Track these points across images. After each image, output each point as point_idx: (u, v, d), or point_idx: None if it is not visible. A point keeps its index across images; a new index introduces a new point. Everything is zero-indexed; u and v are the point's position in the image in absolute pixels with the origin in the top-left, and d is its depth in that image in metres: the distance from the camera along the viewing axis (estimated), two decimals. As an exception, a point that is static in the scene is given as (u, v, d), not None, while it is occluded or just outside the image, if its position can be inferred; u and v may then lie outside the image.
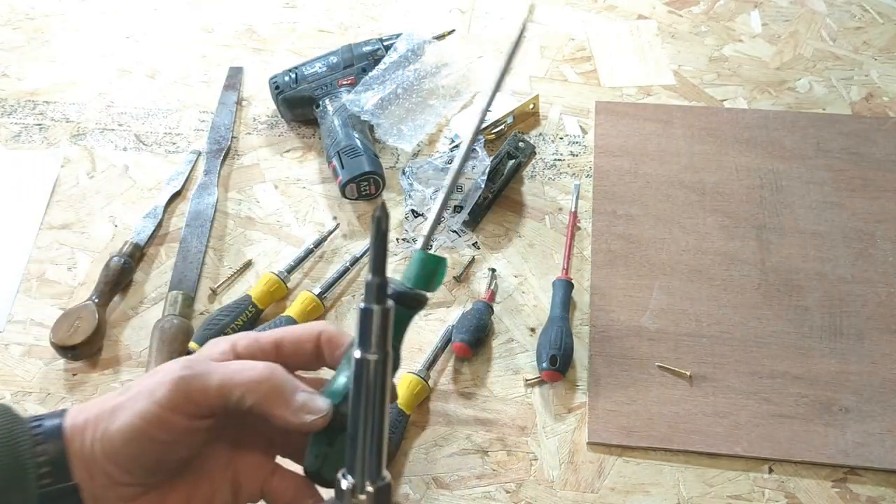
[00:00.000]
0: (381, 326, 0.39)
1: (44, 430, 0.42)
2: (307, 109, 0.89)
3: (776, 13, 1.00)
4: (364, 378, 0.39)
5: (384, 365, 0.39)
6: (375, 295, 0.39)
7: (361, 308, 0.39)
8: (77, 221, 0.85)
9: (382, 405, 0.39)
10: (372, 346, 0.39)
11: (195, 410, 0.42)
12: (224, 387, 0.42)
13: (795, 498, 0.67)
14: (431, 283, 0.45)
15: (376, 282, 0.38)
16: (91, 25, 1.02)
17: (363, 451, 0.39)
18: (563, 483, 0.68)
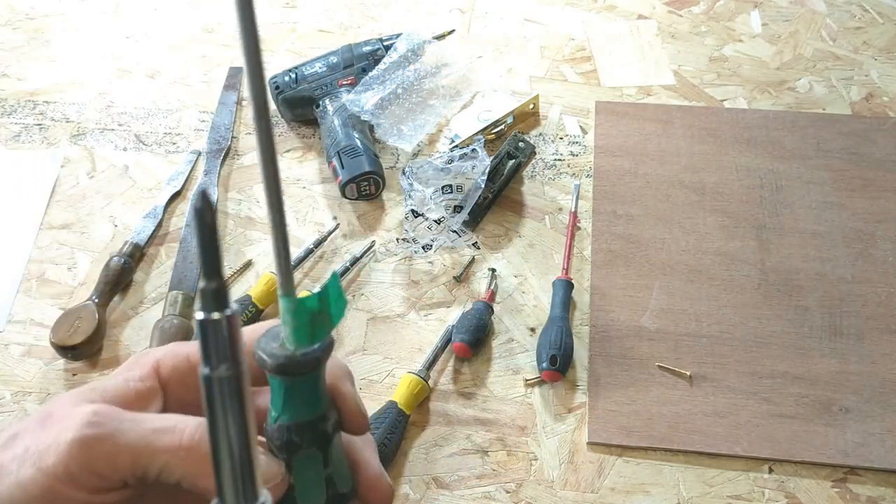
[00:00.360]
0: (227, 336, 0.32)
1: None
2: (307, 109, 0.89)
3: (776, 13, 1.00)
4: (217, 398, 0.32)
5: (238, 379, 0.32)
6: (213, 301, 0.31)
7: (199, 320, 0.31)
8: (77, 221, 0.85)
9: (244, 423, 0.32)
10: (219, 360, 0.32)
11: (99, 483, 0.33)
12: (140, 456, 0.33)
13: (795, 498, 0.67)
14: (318, 331, 0.35)
15: (211, 287, 0.31)
16: (91, 25, 1.02)
17: (231, 478, 0.32)
18: (563, 483, 0.68)
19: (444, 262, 0.81)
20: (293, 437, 0.36)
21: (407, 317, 0.77)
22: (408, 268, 0.81)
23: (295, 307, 0.35)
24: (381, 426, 0.68)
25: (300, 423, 0.36)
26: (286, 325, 0.35)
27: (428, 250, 0.81)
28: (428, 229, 0.82)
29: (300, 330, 0.35)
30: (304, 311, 0.35)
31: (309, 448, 0.36)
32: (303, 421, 0.36)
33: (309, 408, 0.36)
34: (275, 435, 0.36)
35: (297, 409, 0.36)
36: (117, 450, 0.33)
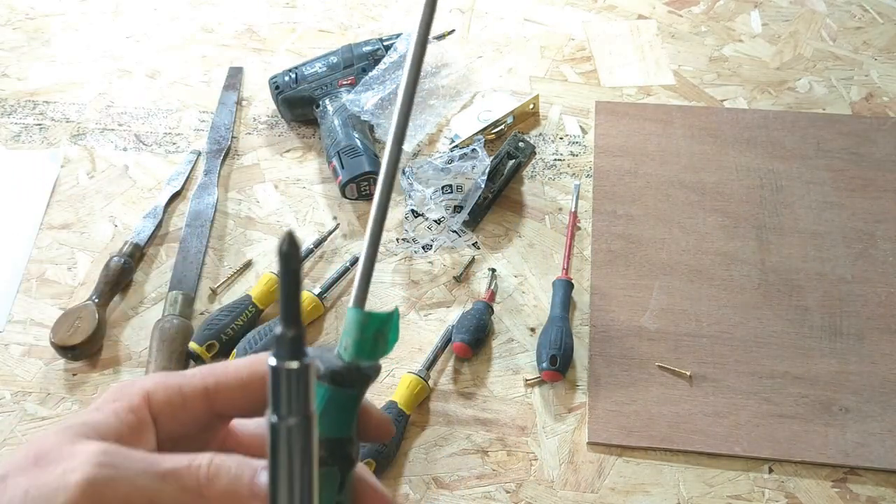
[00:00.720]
0: (300, 386, 0.31)
1: None
2: (307, 109, 0.89)
3: (776, 13, 1.00)
4: (284, 447, 0.31)
5: (307, 428, 0.32)
6: (289, 349, 0.31)
7: (272, 366, 0.31)
8: (77, 221, 0.85)
9: (309, 474, 0.32)
10: (290, 410, 0.31)
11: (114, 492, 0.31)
12: (156, 498, 0.31)
13: (795, 498, 0.67)
14: (377, 349, 0.35)
15: (290, 334, 0.31)
16: (91, 25, 1.02)
17: None
18: (563, 483, 0.68)
19: (444, 262, 0.81)
20: (321, 452, 0.34)
21: (407, 317, 0.77)
22: (408, 268, 0.81)
23: (366, 320, 0.35)
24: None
25: (331, 438, 0.35)
26: (349, 335, 0.35)
27: (428, 250, 0.81)
28: (428, 229, 0.82)
29: (364, 343, 0.35)
30: (373, 326, 0.35)
31: (332, 466, 0.36)
32: (334, 437, 0.36)
33: (342, 426, 0.36)
34: None
35: (332, 424, 0.36)
36: (132, 491, 0.30)
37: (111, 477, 0.30)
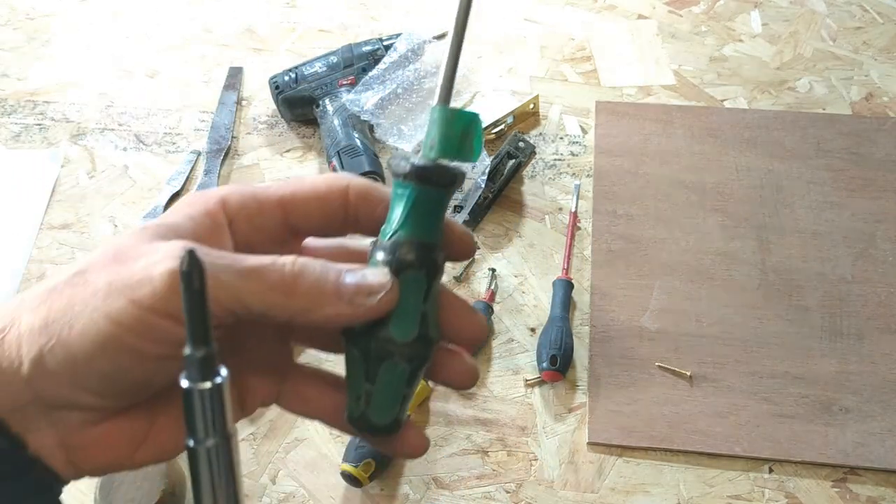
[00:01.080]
0: (215, 406, 0.29)
1: None
2: (307, 109, 0.89)
3: (776, 13, 1.00)
4: (205, 469, 0.30)
5: (227, 448, 0.30)
6: (200, 370, 0.29)
7: (185, 389, 0.29)
8: (77, 221, 0.85)
9: (234, 495, 0.31)
10: (208, 432, 0.30)
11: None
12: (241, 293, 0.31)
13: (795, 498, 0.67)
14: (464, 149, 0.34)
15: (199, 355, 0.29)
16: (91, 25, 1.02)
17: None
18: (563, 483, 0.68)
19: (444, 262, 0.81)
20: (407, 254, 0.34)
21: (407, 317, 0.77)
22: (408, 268, 0.81)
23: (452, 116, 0.33)
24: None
25: (419, 241, 0.34)
26: (436, 133, 0.34)
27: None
28: (428, 229, 0.82)
29: (450, 140, 0.34)
30: (460, 123, 0.34)
31: (419, 269, 0.34)
32: (420, 240, 0.34)
33: (429, 230, 0.35)
34: (389, 249, 0.34)
35: (418, 226, 0.34)
36: (217, 286, 0.30)
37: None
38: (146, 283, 0.30)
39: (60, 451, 0.32)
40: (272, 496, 0.68)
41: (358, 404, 0.35)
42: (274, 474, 0.70)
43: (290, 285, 0.31)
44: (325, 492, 0.69)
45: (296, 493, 0.69)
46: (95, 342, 0.30)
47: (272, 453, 0.71)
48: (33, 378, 0.30)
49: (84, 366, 0.30)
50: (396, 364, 0.34)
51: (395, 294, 0.33)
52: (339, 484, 0.68)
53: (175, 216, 0.33)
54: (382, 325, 0.34)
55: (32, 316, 0.30)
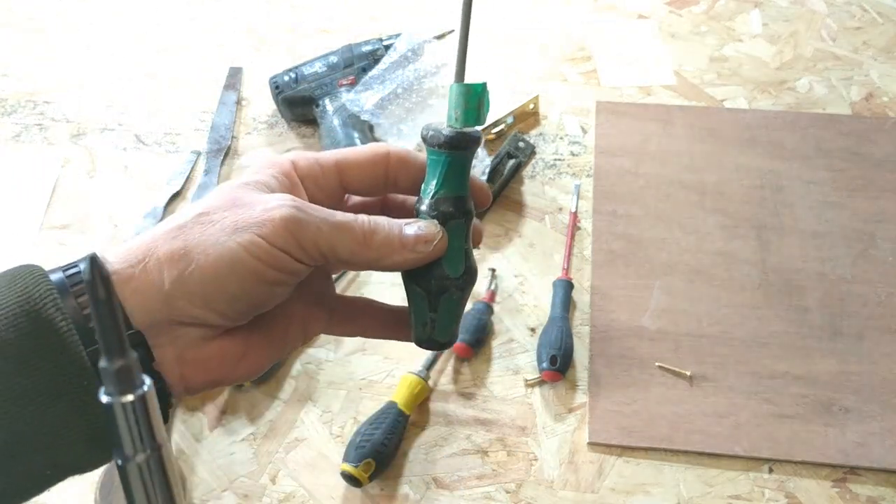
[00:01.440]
0: (140, 417, 0.29)
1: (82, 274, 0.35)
2: (307, 109, 0.89)
3: (776, 13, 1.00)
4: (139, 484, 0.30)
5: (159, 459, 0.30)
6: (118, 383, 0.28)
7: (105, 404, 0.29)
8: (77, 221, 0.85)
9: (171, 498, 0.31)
10: (136, 447, 0.29)
11: (303, 257, 0.38)
12: (334, 240, 0.39)
13: (795, 498, 0.67)
14: (480, 116, 0.42)
15: (115, 367, 0.28)
16: (91, 25, 1.02)
17: None
18: (563, 483, 0.68)
19: (444, 262, 0.81)
20: (449, 208, 0.42)
21: (407, 317, 0.77)
22: (408, 268, 0.81)
23: (468, 91, 0.41)
24: (381, 426, 0.68)
25: (455, 196, 0.42)
26: (457, 107, 0.41)
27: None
28: (428, 229, 0.82)
29: (470, 111, 0.41)
30: (476, 95, 0.41)
31: (459, 218, 0.42)
32: (456, 195, 0.42)
33: (461, 185, 0.43)
34: (433, 206, 0.42)
35: (453, 184, 0.42)
36: (318, 234, 0.38)
37: (304, 219, 0.38)
38: (268, 223, 0.37)
39: (176, 366, 0.38)
40: (272, 496, 0.68)
41: (425, 329, 0.43)
42: (274, 474, 0.70)
43: (368, 238, 0.40)
44: (325, 492, 0.69)
45: (296, 493, 0.69)
46: (230, 266, 0.36)
47: (272, 453, 0.71)
48: (172, 297, 0.36)
49: (217, 286, 0.37)
50: (452, 294, 0.43)
51: (445, 241, 0.41)
52: (339, 484, 0.68)
53: (262, 175, 0.41)
54: (438, 265, 0.42)
55: (169, 246, 0.37)
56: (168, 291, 0.36)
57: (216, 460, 0.70)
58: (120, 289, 0.36)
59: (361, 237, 0.40)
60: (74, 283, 0.36)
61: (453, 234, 0.42)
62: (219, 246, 0.36)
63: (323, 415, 0.72)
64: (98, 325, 0.28)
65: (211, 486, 0.69)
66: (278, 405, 0.73)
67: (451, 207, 0.42)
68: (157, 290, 0.36)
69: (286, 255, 0.37)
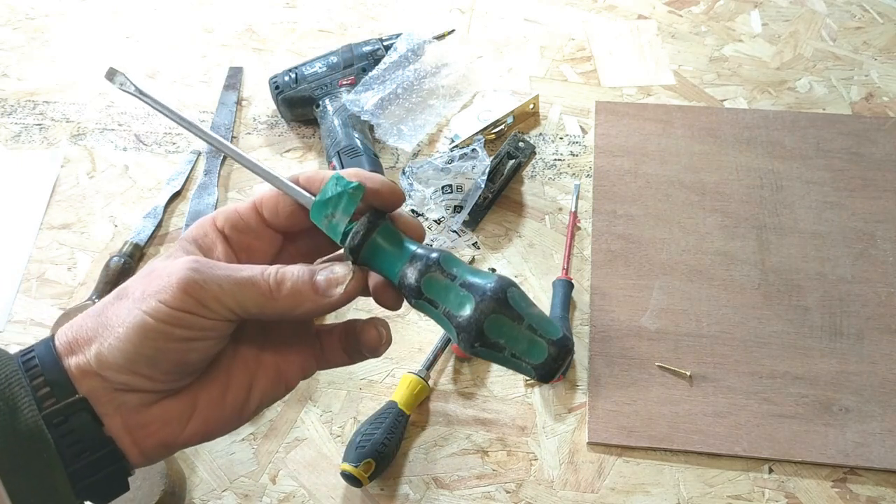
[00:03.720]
0: None
1: (35, 355, 0.39)
2: (307, 109, 0.89)
3: (776, 13, 1.00)
4: None
5: None
6: None
7: None
8: (77, 221, 0.85)
9: None
10: None
11: (210, 315, 0.39)
12: (239, 302, 0.39)
13: (795, 498, 0.67)
14: (341, 204, 0.41)
15: None
16: (91, 25, 1.02)
17: None
18: (563, 483, 0.68)
19: (444, 262, 0.81)
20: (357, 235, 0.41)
21: (407, 317, 0.77)
22: (408, 268, 0.81)
23: (330, 191, 0.41)
24: (381, 426, 0.68)
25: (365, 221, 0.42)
26: (335, 205, 0.41)
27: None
28: (428, 229, 0.82)
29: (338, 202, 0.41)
30: (338, 185, 0.41)
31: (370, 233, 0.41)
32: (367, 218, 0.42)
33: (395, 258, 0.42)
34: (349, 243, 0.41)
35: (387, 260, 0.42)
36: (220, 292, 0.39)
37: (201, 279, 0.39)
38: (167, 288, 0.39)
39: (125, 433, 0.40)
40: (272, 496, 0.68)
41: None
42: (274, 474, 0.70)
43: (275, 291, 0.40)
44: (325, 492, 0.69)
45: (296, 493, 0.69)
46: (139, 332, 0.38)
47: (272, 453, 0.71)
48: (101, 368, 0.39)
49: (133, 352, 0.39)
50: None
51: (358, 281, 0.41)
52: (339, 484, 0.68)
53: (182, 243, 0.43)
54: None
55: (93, 324, 0.40)
56: (95, 366, 0.39)
57: (216, 460, 0.70)
58: (64, 363, 0.39)
59: (267, 290, 0.40)
60: (30, 370, 0.39)
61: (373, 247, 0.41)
62: (129, 317, 0.39)
63: (323, 415, 0.72)
64: None
65: (211, 486, 0.69)
66: (278, 405, 0.73)
67: (361, 230, 0.41)
68: (87, 364, 0.39)
69: (189, 315, 0.39)
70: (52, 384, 0.38)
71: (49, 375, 0.39)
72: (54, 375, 0.39)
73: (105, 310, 0.40)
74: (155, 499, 0.63)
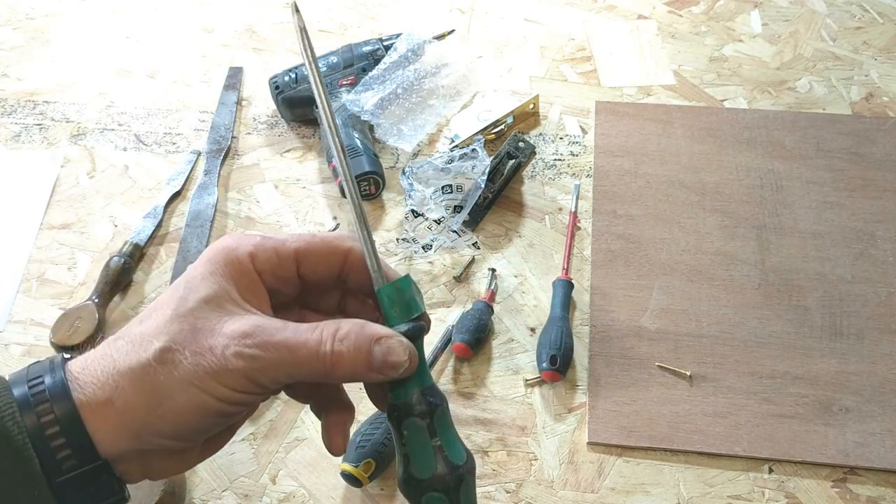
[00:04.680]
0: None
1: (55, 416, 0.37)
2: (307, 109, 0.89)
3: (776, 13, 1.00)
4: None
5: None
6: None
7: None
8: (77, 221, 0.85)
9: None
10: None
11: (265, 392, 0.41)
12: (295, 376, 0.40)
13: (795, 498, 0.67)
14: (416, 305, 0.43)
15: None
16: (91, 25, 1.02)
17: None
18: (563, 483, 0.68)
19: (444, 262, 0.81)
20: (421, 406, 0.45)
21: (407, 317, 0.77)
22: (408, 268, 0.81)
23: (393, 292, 0.43)
24: (381, 426, 0.68)
25: (426, 387, 0.45)
26: (391, 307, 0.43)
27: (428, 250, 0.81)
28: (428, 229, 0.82)
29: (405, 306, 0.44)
30: (404, 292, 0.43)
31: (429, 414, 0.45)
32: (427, 386, 0.45)
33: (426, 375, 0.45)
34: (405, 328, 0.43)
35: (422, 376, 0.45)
36: (278, 371, 0.40)
37: (264, 366, 0.39)
38: (231, 373, 0.38)
39: (139, 476, 0.41)
40: (272, 496, 0.68)
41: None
42: (274, 474, 0.70)
43: (329, 371, 0.40)
44: (325, 492, 0.69)
45: (296, 493, 0.69)
46: (196, 410, 0.39)
47: (272, 453, 0.71)
48: (142, 435, 0.39)
49: (185, 425, 0.39)
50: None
51: (413, 366, 0.42)
52: (339, 484, 0.68)
53: (218, 282, 0.41)
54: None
55: (137, 389, 0.38)
56: (137, 431, 0.39)
57: (216, 460, 0.70)
58: (89, 418, 0.38)
59: (323, 370, 0.40)
60: (36, 396, 0.38)
61: (419, 436, 0.44)
62: (184, 393, 0.38)
63: (323, 415, 0.72)
64: None
65: (211, 486, 0.69)
66: (278, 405, 0.73)
67: (423, 405, 0.44)
68: (126, 429, 0.38)
69: (247, 395, 0.40)
70: (72, 447, 0.37)
71: (71, 439, 0.37)
72: (77, 439, 0.37)
73: (149, 373, 0.39)
74: (155, 499, 0.63)
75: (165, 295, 0.41)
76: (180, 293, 0.41)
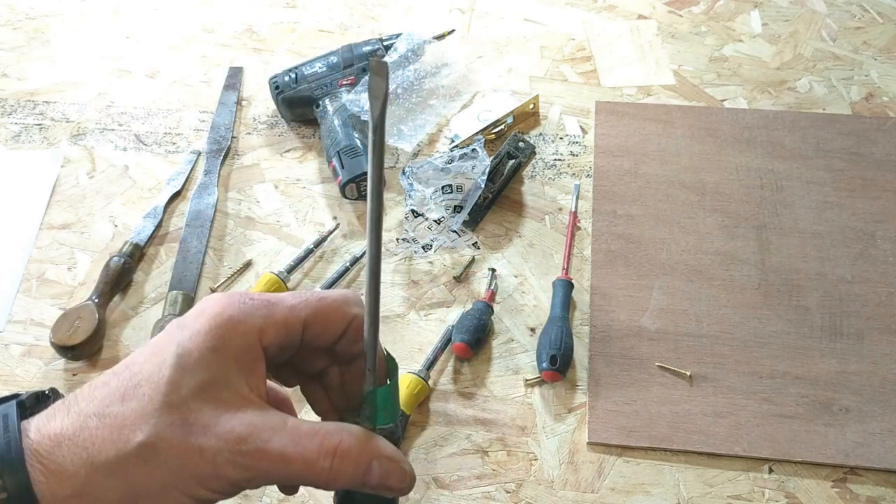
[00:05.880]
0: None
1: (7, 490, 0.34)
2: (307, 109, 0.89)
3: (776, 13, 1.00)
4: None
5: None
6: None
7: None
8: (77, 221, 0.85)
9: None
10: None
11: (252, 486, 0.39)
12: (288, 480, 0.39)
13: (795, 498, 0.67)
14: (396, 409, 0.44)
15: None
16: (91, 25, 1.02)
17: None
18: (563, 483, 0.68)
19: (444, 262, 0.81)
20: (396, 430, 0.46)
21: (407, 317, 0.77)
22: (408, 268, 0.81)
23: (384, 398, 0.43)
24: (381, 426, 0.68)
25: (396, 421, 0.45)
26: (381, 411, 0.42)
27: (428, 250, 0.81)
28: (428, 229, 0.82)
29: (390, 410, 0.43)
30: (391, 397, 0.43)
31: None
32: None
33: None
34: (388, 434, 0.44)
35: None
36: (273, 478, 0.39)
37: (257, 476, 0.38)
38: (214, 479, 0.37)
39: None
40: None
41: None
42: (274, 474, 0.70)
43: (329, 482, 0.39)
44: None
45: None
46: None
47: (272, 453, 0.71)
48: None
49: None
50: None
51: (411, 487, 0.41)
52: (339, 484, 0.68)
53: (220, 358, 0.38)
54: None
55: (111, 484, 0.35)
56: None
57: (216, 460, 0.70)
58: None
59: (323, 481, 0.39)
60: None
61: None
62: (165, 496, 0.36)
63: (323, 415, 0.72)
64: None
65: (211, 486, 0.69)
66: (278, 405, 0.73)
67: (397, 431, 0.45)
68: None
69: (229, 496, 0.38)
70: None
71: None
72: None
73: (127, 469, 0.35)
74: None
75: (153, 361, 0.38)
76: (171, 374, 0.37)
